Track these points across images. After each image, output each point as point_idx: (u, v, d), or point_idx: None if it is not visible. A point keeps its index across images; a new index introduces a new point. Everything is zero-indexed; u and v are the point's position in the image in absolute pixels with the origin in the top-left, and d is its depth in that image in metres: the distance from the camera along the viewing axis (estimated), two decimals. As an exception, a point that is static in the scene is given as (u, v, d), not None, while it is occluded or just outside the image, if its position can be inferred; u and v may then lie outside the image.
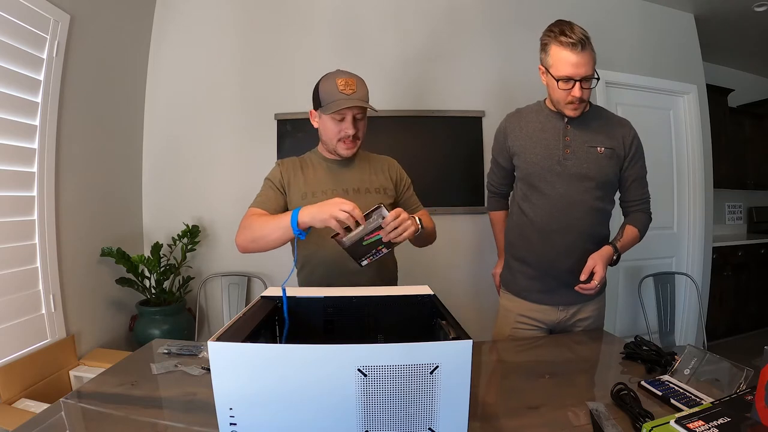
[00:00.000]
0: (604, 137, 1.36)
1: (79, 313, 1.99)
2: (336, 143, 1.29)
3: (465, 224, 2.60)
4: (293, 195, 1.32)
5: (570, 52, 1.23)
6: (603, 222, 1.42)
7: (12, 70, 1.64)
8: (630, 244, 1.41)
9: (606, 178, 1.36)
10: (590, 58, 1.24)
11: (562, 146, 1.35)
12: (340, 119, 1.25)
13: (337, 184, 1.33)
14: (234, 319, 0.80)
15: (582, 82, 1.25)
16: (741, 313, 3.57)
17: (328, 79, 1.26)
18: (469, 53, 2.65)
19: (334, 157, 1.37)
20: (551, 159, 1.35)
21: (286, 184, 1.33)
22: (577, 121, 1.36)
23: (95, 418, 0.83)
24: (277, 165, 1.38)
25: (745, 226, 4.33)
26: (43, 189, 1.79)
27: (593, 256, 1.33)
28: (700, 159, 3.08)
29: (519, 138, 1.42)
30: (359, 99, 1.22)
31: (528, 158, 1.39)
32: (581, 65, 1.23)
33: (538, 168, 1.37)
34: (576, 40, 1.22)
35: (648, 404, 0.86)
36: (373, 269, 1.33)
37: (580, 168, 1.34)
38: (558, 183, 1.35)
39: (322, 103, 1.26)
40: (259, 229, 1.15)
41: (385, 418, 0.64)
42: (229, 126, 2.56)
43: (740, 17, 3.08)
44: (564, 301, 1.41)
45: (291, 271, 1.15)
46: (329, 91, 1.23)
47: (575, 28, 1.24)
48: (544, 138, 1.37)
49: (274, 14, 2.57)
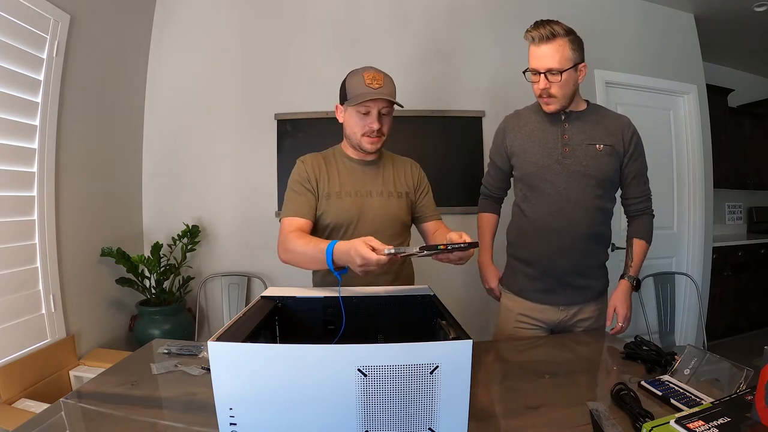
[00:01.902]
0: (603, 134, 1.35)
1: (79, 313, 1.99)
2: (360, 138, 1.25)
3: (465, 224, 2.59)
4: (318, 195, 1.29)
5: (533, 46, 1.28)
6: (604, 222, 1.41)
7: (12, 70, 1.63)
8: (642, 259, 1.42)
9: (606, 176, 1.36)
10: (556, 51, 1.25)
11: (561, 145, 1.35)
12: (365, 112, 1.21)
13: (360, 185, 1.31)
14: (234, 319, 0.80)
15: (548, 75, 1.27)
16: (741, 313, 3.57)
17: (355, 74, 1.23)
18: (469, 53, 2.65)
19: (358, 156, 1.33)
20: (550, 158, 1.35)
21: (314, 181, 1.28)
22: (575, 119, 1.36)
23: (95, 418, 0.83)
24: (301, 163, 1.32)
25: (745, 226, 4.33)
26: (43, 189, 1.79)
27: (611, 299, 1.39)
28: (700, 159, 3.08)
29: (518, 138, 1.42)
30: (386, 93, 1.19)
31: (527, 158, 1.39)
32: (544, 57, 1.26)
33: (538, 167, 1.37)
34: (537, 34, 1.25)
35: (648, 404, 0.85)
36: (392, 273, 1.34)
37: (580, 166, 1.34)
38: (557, 182, 1.35)
39: (348, 97, 1.22)
40: (299, 256, 1.13)
41: (385, 418, 0.64)
42: (229, 126, 2.56)
43: (740, 17, 3.08)
44: (564, 301, 1.41)
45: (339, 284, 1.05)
46: (355, 85, 1.20)
47: (546, 24, 1.26)
48: (543, 137, 1.37)
49: (274, 14, 2.57)
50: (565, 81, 1.28)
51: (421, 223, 1.41)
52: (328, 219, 1.28)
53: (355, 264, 0.93)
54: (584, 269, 1.41)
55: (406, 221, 1.37)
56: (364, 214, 1.28)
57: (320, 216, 1.29)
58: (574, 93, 1.35)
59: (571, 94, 1.33)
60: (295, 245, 1.14)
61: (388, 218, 1.31)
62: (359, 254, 0.90)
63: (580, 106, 1.39)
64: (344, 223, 1.27)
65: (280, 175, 2.53)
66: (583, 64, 1.30)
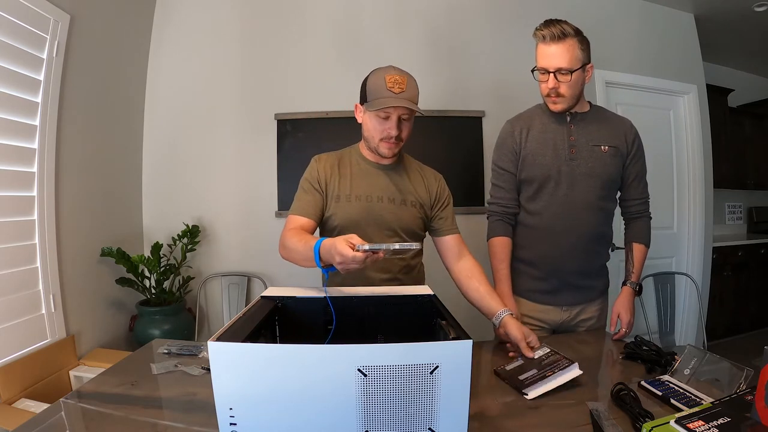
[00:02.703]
0: (608, 136, 1.36)
1: (79, 313, 1.99)
2: (378, 142, 1.22)
3: (465, 224, 2.57)
4: (328, 196, 1.26)
5: (543, 45, 1.27)
6: (606, 222, 1.42)
7: (12, 70, 1.64)
8: (643, 263, 1.42)
9: (610, 177, 1.36)
10: (566, 51, 1.24)
11: (568, 146, 1.35)
12: (385, 117, 1.19)
13: (371, 190, 1.27)
14: (234, 319, 0.80)
15: (557, 74, 1.27)
16: (741, 313, 3.57)
17: (377, 74, 1.20)
18: (469, 53, 2.65)
19: (374, 159, 1.30)
20: (559, 159, 1.36)
21: (324, 182, 1.26)
22: (580, 120, 1.37)
23: (95, 418, 0.83)
24: (315, 162, 1.30)
25: (745, 226, 4.33)
26: (43, 189, 1.79)
27: (615, 306, 1.38)
28: (700, 159, 3.08)
29: (529, 141, 1.40)
30: (407, 99, 1.16)
31: (538, 160, 1.37)
32: (554, 56, 1.26)
33: (548, 169, 1.36)
34: (548, 33, 1.24)
35: (648, 404, 0.85)
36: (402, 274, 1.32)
37: (586, 167, 1.34)
38: (564, 183, 1.35)
39: (368, 98, 1.19)
40: (293, 253, 1.11)
41: (385, 418, 0.64)
42: (229, 126, 2.56)
43: (740, 17, 3.08)
44: (568, 301, 1.41)
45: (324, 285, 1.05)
46: (377, 87, 1.17)
47: (556, 23, 1.25)
48: (552, 139, 1.37)
49: (274, 14, 2.57)
50: (574, 81, 1.28)
51: (437, 236, 1.36)
52: (336, 221, 1.26)
53: (336, 262, 0.90)
54: (588, 269, 1.42)
55: (418, 232, 1.33)
56: (372, 218, 1.26)
57: (329, 218, 1.27)
58: (581, 93, 1.35)
59: (578, 94, 1.33)
60: (290, 242, 1.13)
61: (398, 226, 1.28)
62: (338, 252, 0.87)
63: (584, 107, 1.39)
64: (351, 226, 1.24)
65: (280, 175, 2.53)
66: (590, 65, 1.31)
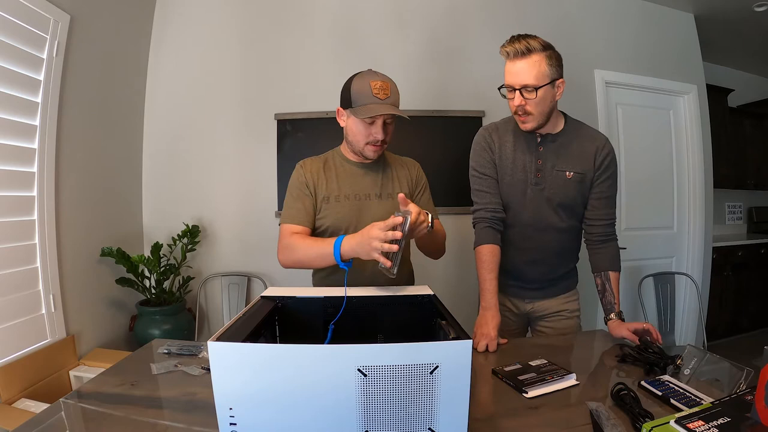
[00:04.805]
0: (576, 160, 1.32)
1: (79, 313, 1.99)
2: (364, 146, 1.26)
3: (465, 224, 2.58)
4: (317, 199, 1.29)
5: (509, 61, 1.25)
6: (573, 238, 1.43)
7: (12, 70, 1.64)
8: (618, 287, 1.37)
9: (573, 202, 1.35)
10: (531, 67, 1.20)
11: (535, 170, 1.34)
12: (370, 122, 1.22)
13: (358, 188, 1.31)
14: (234, 319, 0.80)
15: (523, 91, 1.23)
16: (741, 313, 3.57)
17: (361, 79, 1.21)
18: (469, 53, 2.65)
19: (357, 159, 1.34)
20: (526, 182, 1.35)
21: (312, 186, 1.29)
22: (550, 142, 1.33)
23: (95, 418, 0.83)
24: (300, 167, 1.33)
25: (745, 226, 4.33)
26: (43, 189, 1.79)
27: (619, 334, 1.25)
28: (700, 159, 3.08)
29: (501, 158, 1.38)
30: (392, 105, 1.20)
31: (506, 180, 1.37)
32: (519, 73, 1.22)
33: (515, 190, 1.36)
34: (512, 49, 1.21)
35: (648, 404, 0.85)
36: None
37: (549, 193, 1.33)
38: (529, 206, 1.35)
39: (353, 104, 1.21)
40: (303, 254, 1.17)
41: (385, 418, 0.64)
42: (229, 126, 2.56)
43: (740, 17, 3.08)
44: (532, 297, 1.47)
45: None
46: (362, 93, 1.19)
47: (522, 38, 1.22)
48: (522, 159, 1.35)
49: (274, 14, 2.57)
50: (541, 98, 1.23)
51: None
52: (327, 222, 1.28)
53: (371, 248, 0.97)
54: (553, 277, 1.45)
55: None
56: (362, 217, 1.28)
57: (319, 219, 1.29)
58: (552, 110, 1.30)
59: (548, 111, 1.28)
60: (301, 243, 1.18)
61: None
62: (374, 236, 0.97)
63: (557, 127, 1.34)
64: (342, 226, 1.27)
65: (280, 175, 2.53)
66: (560, 81, 1.25)
